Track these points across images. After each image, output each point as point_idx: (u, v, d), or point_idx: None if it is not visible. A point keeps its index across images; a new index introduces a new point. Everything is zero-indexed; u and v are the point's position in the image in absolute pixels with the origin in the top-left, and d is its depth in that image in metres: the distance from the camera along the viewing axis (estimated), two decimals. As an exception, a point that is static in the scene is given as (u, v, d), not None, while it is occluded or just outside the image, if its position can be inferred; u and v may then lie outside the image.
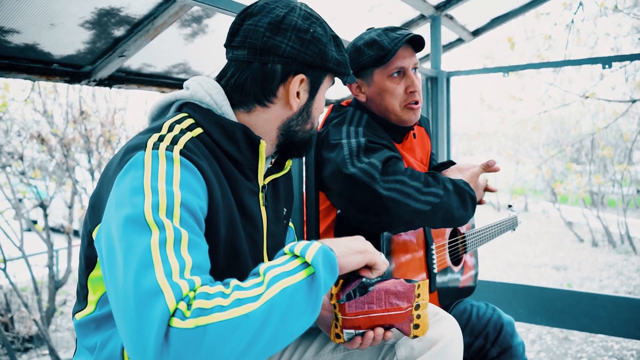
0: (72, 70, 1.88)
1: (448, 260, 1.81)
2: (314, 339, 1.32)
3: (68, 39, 1.70)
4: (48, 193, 4.76)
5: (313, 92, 1.18)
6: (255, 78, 1.11)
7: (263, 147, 1.12)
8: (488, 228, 2.05)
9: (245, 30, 1.11)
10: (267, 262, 0.93)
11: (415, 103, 1.64)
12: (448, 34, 3.29)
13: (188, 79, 1.18)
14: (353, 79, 1.26)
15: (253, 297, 0.82)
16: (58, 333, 4.71)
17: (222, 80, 1.15)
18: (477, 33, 3.40)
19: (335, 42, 1.18)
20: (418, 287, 1.11)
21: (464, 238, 1.91)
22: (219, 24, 1.97)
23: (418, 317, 1.11)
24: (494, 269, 6.97)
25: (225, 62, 1.19)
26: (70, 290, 5.89)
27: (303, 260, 0.91)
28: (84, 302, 1.08)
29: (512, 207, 2.32)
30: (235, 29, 1.13)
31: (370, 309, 1.09)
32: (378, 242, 1.54)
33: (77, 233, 8.86)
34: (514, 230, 2.31)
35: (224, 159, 1.07)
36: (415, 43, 1.63)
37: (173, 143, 0.97)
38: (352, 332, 1.10)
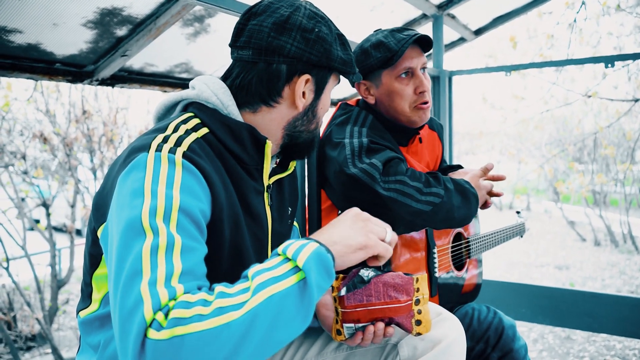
0: (74, 70, 1.88)
1: (451, 264, 1.80)
2: (317, 338, 1.32)
3: (70, 39, 1.70)
4: (50, 192, 4.77)
5: (319, 91, 1.17)
6: (261, 78, 1.10)
7: (269, 147, 1.12)
8: (494, 234, 2.01)
9: (250, 31, 1.10)
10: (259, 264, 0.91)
11: (425, 103, 1.63)
12: (450, 33, 3.29)
13: (192, 79, 1.18)
14: (359, 77, 1.26)
15: (236, 305, 0.79)
16: (61, 332, 4.72)
17: (227, 81, 1.14)
18: (479, 32, 3.39)
19: (341, 40, 1.18)
20: (417, 280, 1.10)
21: (468, 243, 1.90)
22: (221, 24, 1.97)
23: (419, 312, 1.10)
24: (496, 269, 6.96)
25: (228, 61, 1.19)
26: (73, 289, 5.90)
27: (295, 264, 0.87)
28: (88, 300, 1.09)
29: (520, 213, 2.28)
30: (240, 29, 1.13)
31: (369, 302, 1.09)
32: None
33: (79, 232, 8.88)
34: (522, 237, 2.26)
35: (230, 159, 1.07)
36: (423, 43, 1.62)
37: (177, 145, 0.97)
38: (352, 326, 1.10)
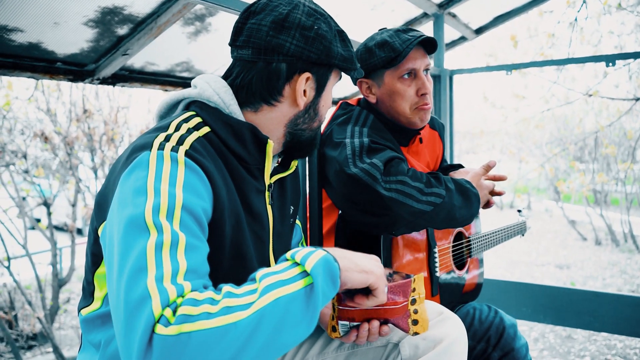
0: (75, 69, 1.88)
1: (452, 264, 1.80)
2: (318, 338, 1.32)
3: (72, 38, 1.70)
4: (51, 191, 4.78)
5: (320, 89, 1.17)
6: (261, 78, 1.10)
7: (270, 146, 1.12)
8: (495, 233, 2.01)
9: (249, 30, 1.10)
10: (268, 266, 0.91)
11: (426, 105, 1.63)
12: (451, 32, 3.28)
13: (193, 78, 1.17)
14: (360, 73, 1.25)
15: (243, 305, 0.80)
16: (62, 331, 4.73)
17: (228, 80, 1.14)
18: (480, 31, 3.39)
19: (341, 37, 1.17)
20: (413, 281, 1.10)
21: (469, 242, 1.90)
22: (222, 22, 1.97)
23: (415, 312, 1.09)
24: (497, 268, 6.96)
25: (229, 60, 1.19)
26: (74, 288, 5.91)
27: (303, 269, 0.87)
28: (90, 298, 1.09)
29: (521, 212, 2.27)
30: (239, 28, 1.12)
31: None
32: (379, 243, 1.53)
33: (80, 231, 8.90)
34: (523, 235, 2.25)
35: (231, 158, 1.07)
36: (427, 45, 1.61)
37: (179, 143, 0.97)
38: (346, 324, 1.10)
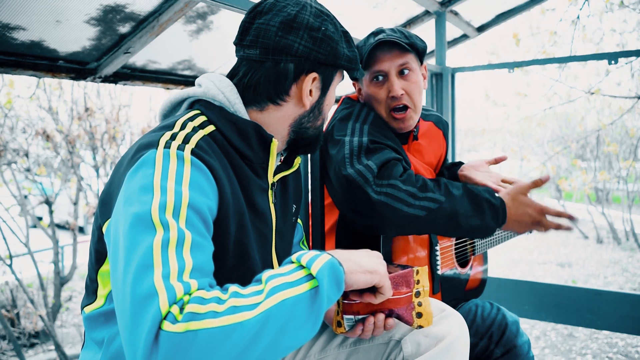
0: (77, 67, 1.88)
1: (454, 262, 1.80)
2: (321, 334, 1.32)
3: (74, 36, 1.71)
4: (53, 189, 4.79)
5: (325, 89, 1.18)
6: (269, 77, 1.11)
7: (275, 145, 1.12)
8: (499, 230, 1.97)
9: (257, 29, 1.10)
10: (272, 267, 0.91)
11: (399, 110, 1.57)
12: (453, 30, 3.28)
13: (195, 76, 1.18)
14: (362, 74, 1.26)
15: (250, 305, 0.80)
16: (64, 329, 4.74)
17: (234, 79, 1.14)
18: (482, 29, 3.38)
19: (346, 37, 1.18)
20: (417, 273, 1.10)
21: (473, 240, 1.89)
22: (224, 21, 1.97)
23: (419, 304, 1.10)
24: (499, 266, 6.96)
25: (231, 58, 1.19)
26: (76, 286, 5.92)
27: (308, 272, 0.88)
28: (94, 296, 1.09)
29: None
30: (246, 28, 1.13)
31: None
32: (379, 241, 1.53)
33: (82, 229, 8.92)
34: (531, 232, 2.21)
35: (236, 157, 1.08)
36: (396, 44, 1.54)
37: (185, 142, 0.98)
38: (351, 317, 1.11)
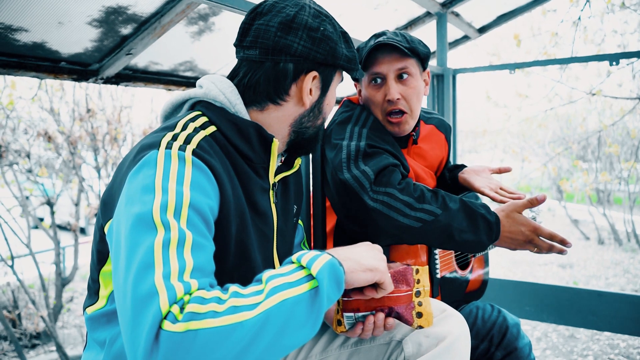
0: (79, 68, 1.89)
1: (454, 264, 1.79)
2: (322, 335, 1.33)
3: (76, 37, 1.71)
4: (55, 191, 4.80)
5: (325, 88, 1.19)
6: (268, 77, 1.12)
7: (276, 145, 1.13)
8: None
9: (256, 30, 1.11)
10: (273, 268, 0.91)
11: (398, 113, 1.57)
12: (454, 31, 3.28)
13: (197, 77, 1.19)
14: (362, 74, 1.27)
15: (250, 305, 0.81)
16: (65, 329, 4.74)
17: (234, 80, 1.15)
18: (483, 30, 3.39)
19: (344, 38, 1.20)
20: (417, 272, 1.11)
21: None
22: (226, 22, 1.97)
23: (420, 304, 1.10)
24: (500, 267, 6.95)
25: (232, 60, 1.20)
26: (77, 287, 5.93)
27: (308, 272, 0.89)
28: (95, 296, 1.09)
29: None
30: (246, 29, 1.14)
31: None
32: (378, 243, 1.52)
33: (83, 230, 8.92)
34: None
35: (237, 157, 1.08)
36: (395, 48, 1.53)
37: (186, 142, 0.98)
38: (352, 315, 1.11)
